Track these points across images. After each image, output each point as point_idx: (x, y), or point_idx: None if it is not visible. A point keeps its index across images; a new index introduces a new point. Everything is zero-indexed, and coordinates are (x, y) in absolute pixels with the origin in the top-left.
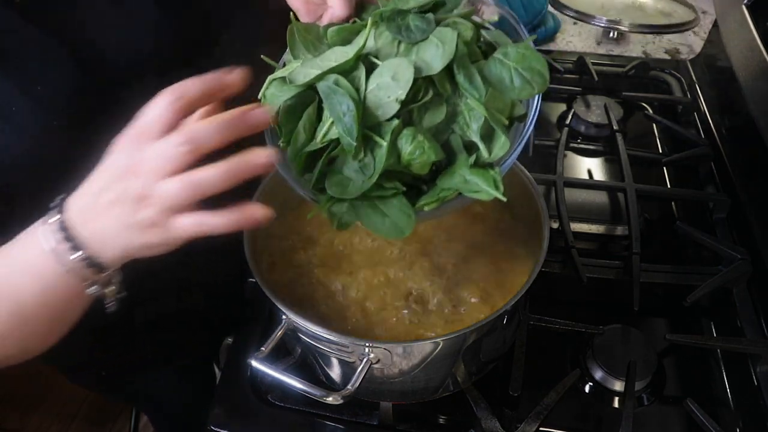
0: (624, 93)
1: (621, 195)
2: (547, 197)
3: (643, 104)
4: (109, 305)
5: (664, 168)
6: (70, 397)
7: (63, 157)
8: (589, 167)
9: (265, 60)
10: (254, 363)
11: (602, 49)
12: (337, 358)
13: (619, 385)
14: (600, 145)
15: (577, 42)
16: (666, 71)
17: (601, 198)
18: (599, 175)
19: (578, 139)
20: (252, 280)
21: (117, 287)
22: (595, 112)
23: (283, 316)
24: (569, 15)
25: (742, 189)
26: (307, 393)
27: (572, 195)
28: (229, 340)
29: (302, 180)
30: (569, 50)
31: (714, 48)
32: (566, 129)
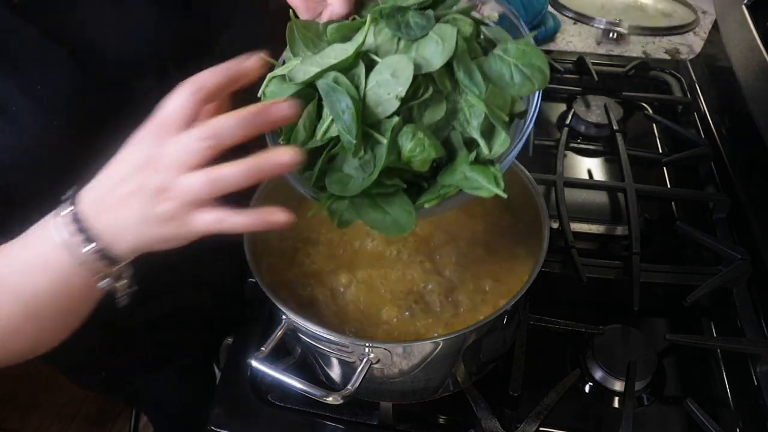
0: (624, 93)
1: (621, 195)
2: (547, 197)
3: (643, 104)
4: (120, 299)
5: (664, 168)
6: (70, 397)
7: (63, 157)
8: (589, 167)
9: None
10: (254, 363)
11: (602, 49)
12: (337, 358)
13: (619, 385)
14: (600, 145)
15: (577, 42)
16: (666, 71)
17: (601, 198)
18: (599, 175)
19: (578, 139)
20: (252, 280)
21: (128, 281)
22: (595, 112)
23: (283, 316)
24: (568, 16)
25: (742, 189)
26: (307, 393)
27: (572, 195)
28: (229, 340)
29: (302, 178)
30: (569, 50)
31: (714, 48)
32: (566, 129)
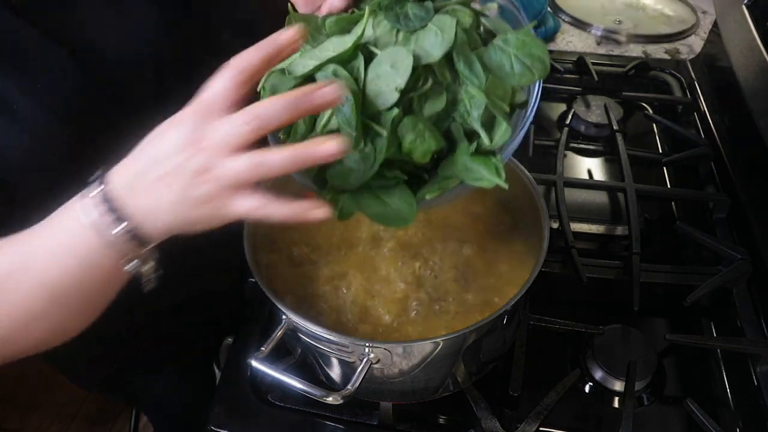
0: (624, 93)
1: (621, 195)
2: (547, 197)
3: (643, 104)
4: (146, 284)
5: (664, 168)
6: (70, 397)
7: (63, 157)
8: (589, 167)
9: None
10: (254, 363)
11: (602, 49)
12: (337, 358)
13: (619, 385)
14: (600, 145)
15: (577, 42)
16: (666, 71)
17: (601, 198)
18: (599, 175)
19: (578, 139)
20: (252, 280)
21: (154, 265)
22: (595, 112)
23: (283, 316)
24: (566, 20)
25: (742, 189)
26: (307, 393)
27: (572, 195)
28: (229, 340)
29: (303, 171)
30: (569, 50)
31: (714, 48)
32: (566, 129)
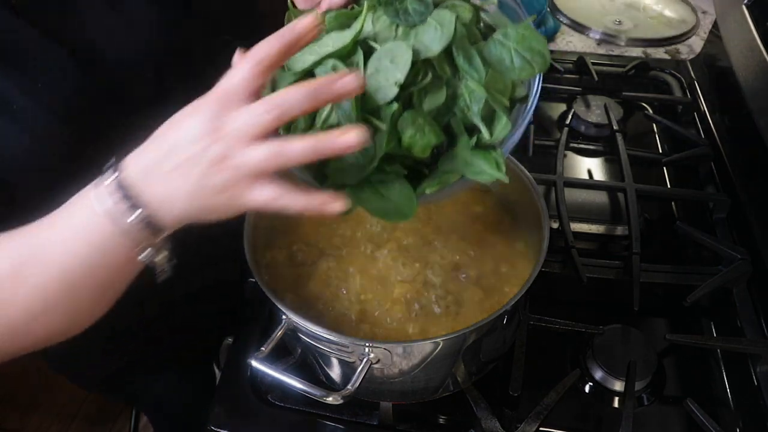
0: (624, 93)
1: (621, 195)
2: (547, 197)
3: (643, 104)
4: (160, 274)
5: (664, 168)
6: (70, 397)
7: (63, 157)
8: (589, 167)
9: None
10: (254, 363)
11: (602, 49)
12: (337, 358)
13: (619, 385)
14: (600, 145)
15: (577, 42)
16: (666, 71)
17: (601, 198)
18: (599, 175)
19: (578, 139)
20: (252, 280)
21: (168, 254)
22: (595, 112)
23: (283, 316)
24: (565, 23)
25: (742, 189)
26: (307, 393)
27: (572, 195)
28: (229, 340)
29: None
30: (569, 50)
31: (714, 48)
32: (566, 129)
